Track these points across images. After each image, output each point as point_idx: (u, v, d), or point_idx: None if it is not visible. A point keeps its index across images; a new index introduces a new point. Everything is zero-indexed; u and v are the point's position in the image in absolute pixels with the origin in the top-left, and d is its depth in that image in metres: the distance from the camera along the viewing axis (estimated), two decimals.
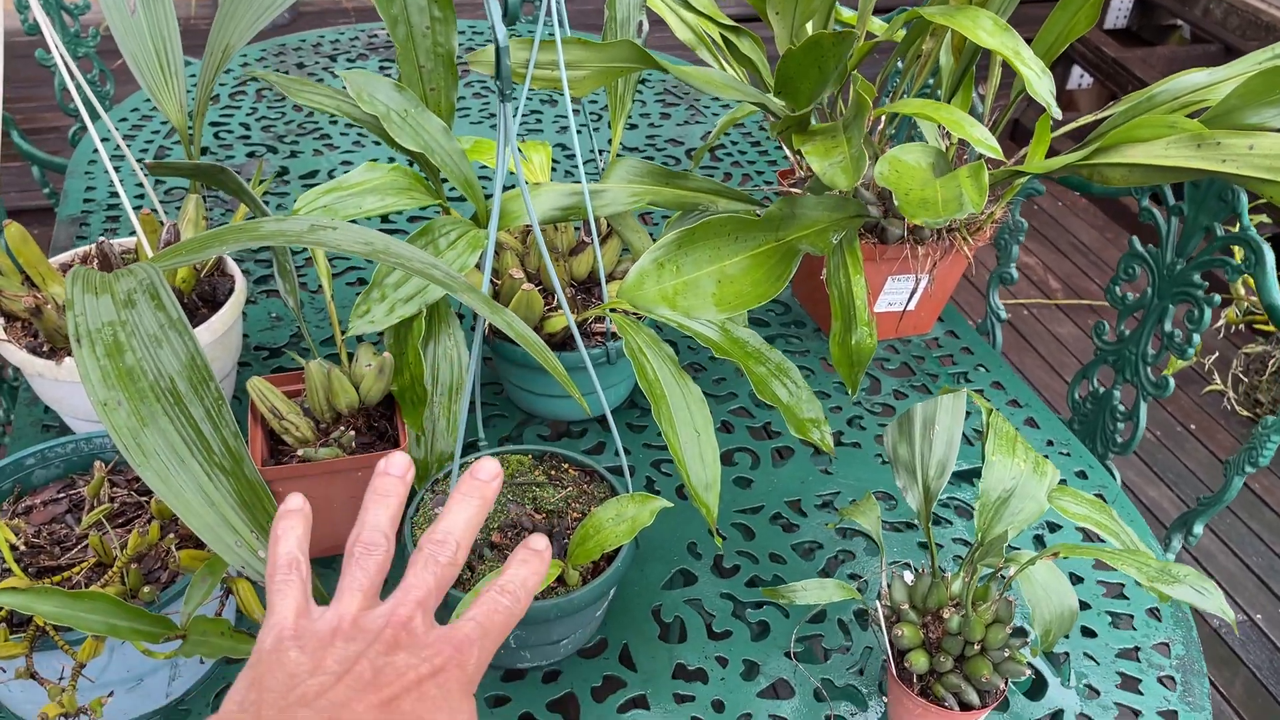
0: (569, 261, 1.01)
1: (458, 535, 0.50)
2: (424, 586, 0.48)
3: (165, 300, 0.58)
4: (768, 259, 0.77)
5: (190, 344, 0.55)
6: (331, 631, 0.46)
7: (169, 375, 0.55)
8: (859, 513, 0.80)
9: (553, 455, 0.85)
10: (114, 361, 0.56)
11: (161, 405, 0.54)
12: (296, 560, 0.48)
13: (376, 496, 0.50)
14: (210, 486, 0.52)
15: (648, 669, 0.80)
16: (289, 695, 0.42)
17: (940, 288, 1.13)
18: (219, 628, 0.56)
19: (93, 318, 0.58)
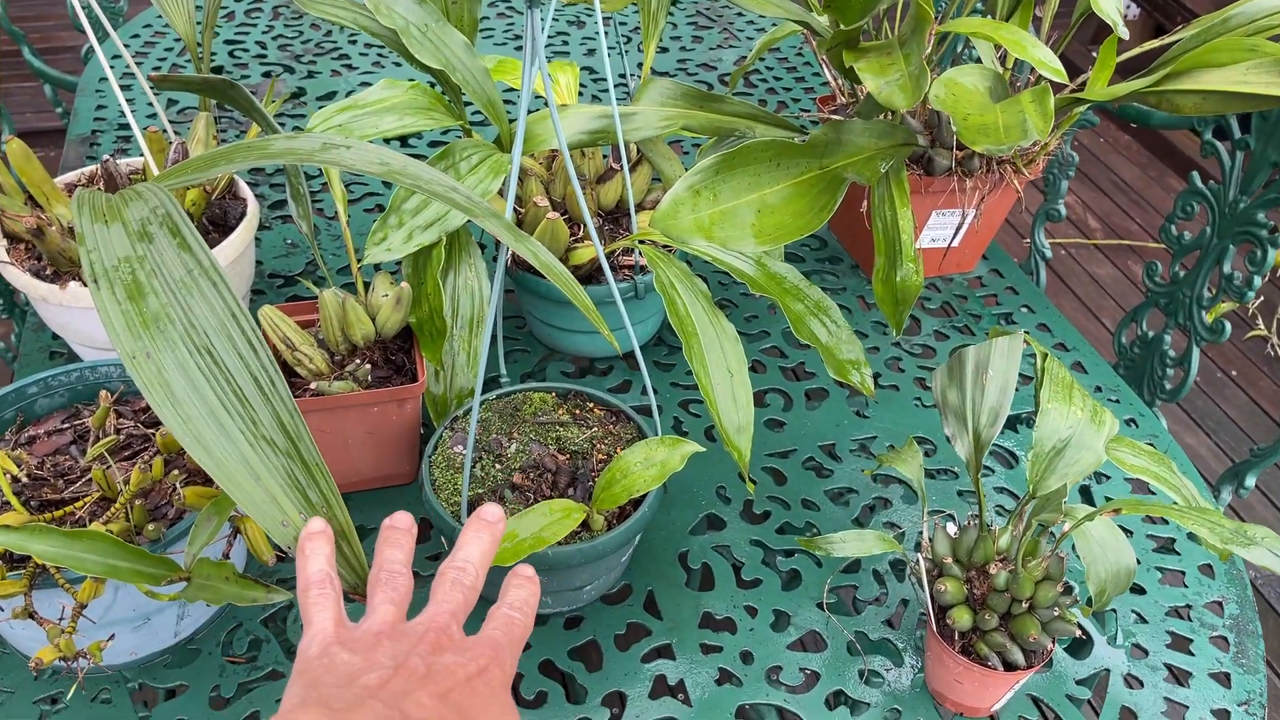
0: (597, 190, 0.95)
1: (476, 564, 0.52)
2: (454, 601, 0.50)
3: (189, 239, 0.52)
4: (811, 188, 0.72)
5: (229, 299, 0.51)
6: (376, 635, 0.47)
7: (203, 329, 0.50)
8: (899, 459, 0.76)
9: (577, 394, 0.81)
10: (136, 305, 0.51)
11: (197, 362, 0.50)
12: (329, 576, 0.49)
13: (388, 544, 0.52)
14: (256, 459, 0.49)
15: (673, 617, 0.77)
16: (352, 686, 0.43)
17: (986, 223, 1.08)
18: (224, 572, 0.52)
19: (106, 253, 0.53)
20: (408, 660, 0.45)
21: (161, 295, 0.51)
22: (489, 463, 0.75)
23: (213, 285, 0.52)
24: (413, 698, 0.43)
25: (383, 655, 0.45)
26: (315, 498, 0.54)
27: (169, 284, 0.51)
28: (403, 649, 0.45)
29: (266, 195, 1.18)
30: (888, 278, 0.80)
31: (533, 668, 0.73)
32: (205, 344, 0.50)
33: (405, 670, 0.44)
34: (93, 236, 0.54)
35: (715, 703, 0.71)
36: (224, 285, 0.52)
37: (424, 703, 0.43)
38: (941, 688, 0.71)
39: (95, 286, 0.51)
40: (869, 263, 1.12)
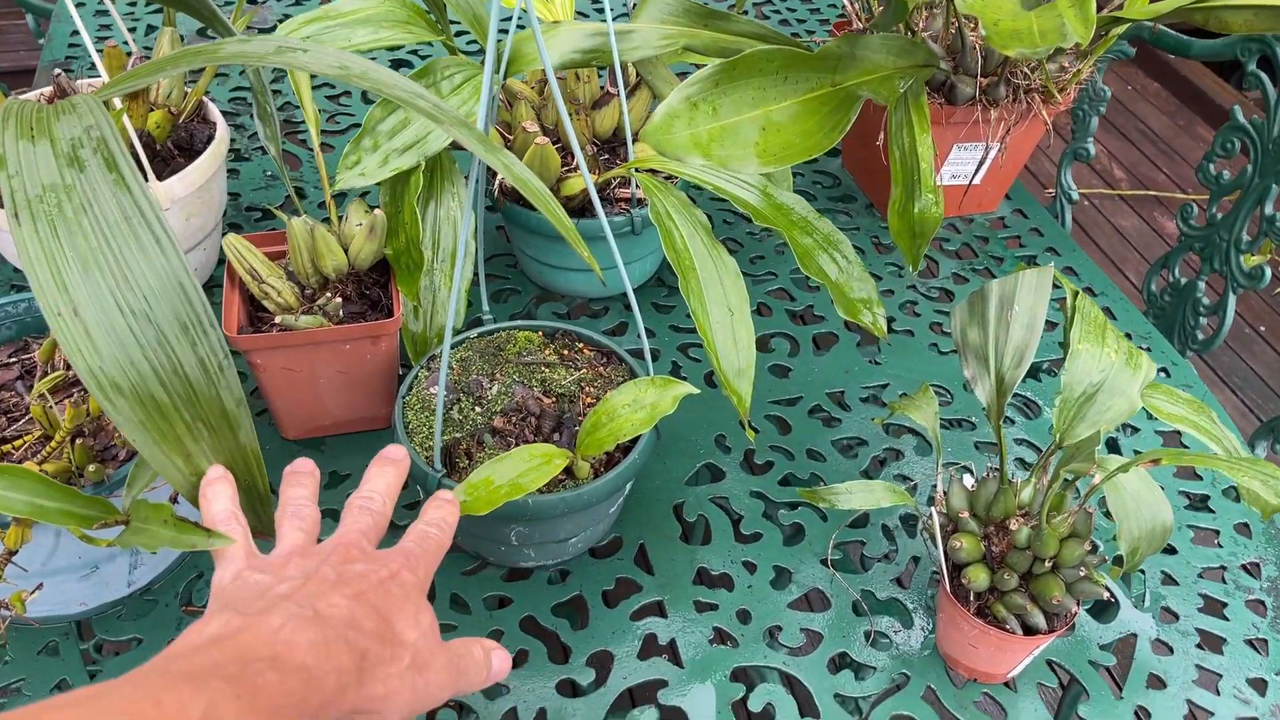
0: (591, 116, 0.89)
1: (382, 494, 0.53)
2: (362, 523, 0.51)
3: (126, 173, 0.46)
4: (821, 106, 0.65)
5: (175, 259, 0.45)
6: (286, 555, 0.48)
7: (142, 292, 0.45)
8: (912, 407, 0.70)
9: (566, 333, 0.75)
10: (60, 245, 0.45)
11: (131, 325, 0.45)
12: (234, 513, 0.49)
13: (292, 483, 0.52)
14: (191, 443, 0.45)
15: (666, 572, 0.72)
16: (265, 597, 0.44)
17: (1011, 160, 1.00)
18: (162, 514, 0.47)
19: (30, 179, 0.46)
20: (319, 570, 0.46)
21: (92, 238, 0.45)
22: (468, 405, 0.70)
23: (155, 242, 0.46)
24: (325, 599, 0.43)
25: (293, 569, 0.46)
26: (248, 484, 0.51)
27: (102, 225, 0.45)
28: (312, 563, 0.46)
29: (247, 126, 1.12)
30: (904, 210, 0.74)
31: (514, 624, 0.68)
32: (144, 310, 0.45)
33: (315, 579, 0.45)
34: (16, 158, 0.47)
35: (709, 664, 0.66)
36: (169, 244, 0.46)
37: (336, 602, 0.43)
38: (954, 651, 0.65)
39: (16, 222, 0.45)
40: (884, 202, 1.05)
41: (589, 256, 0.54)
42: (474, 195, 0.57)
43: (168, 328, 0.46)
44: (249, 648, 0.39)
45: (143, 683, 0.36)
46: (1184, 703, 0.66)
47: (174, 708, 0.34)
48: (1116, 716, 0.65)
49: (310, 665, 0.40)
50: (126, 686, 0.35)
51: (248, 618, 0.41)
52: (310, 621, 0.41)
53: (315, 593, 0.44)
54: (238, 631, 0.40)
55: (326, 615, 0.42)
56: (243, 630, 0.40)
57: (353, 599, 0.44)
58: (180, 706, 0.34)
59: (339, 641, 0.42)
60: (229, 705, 0.35)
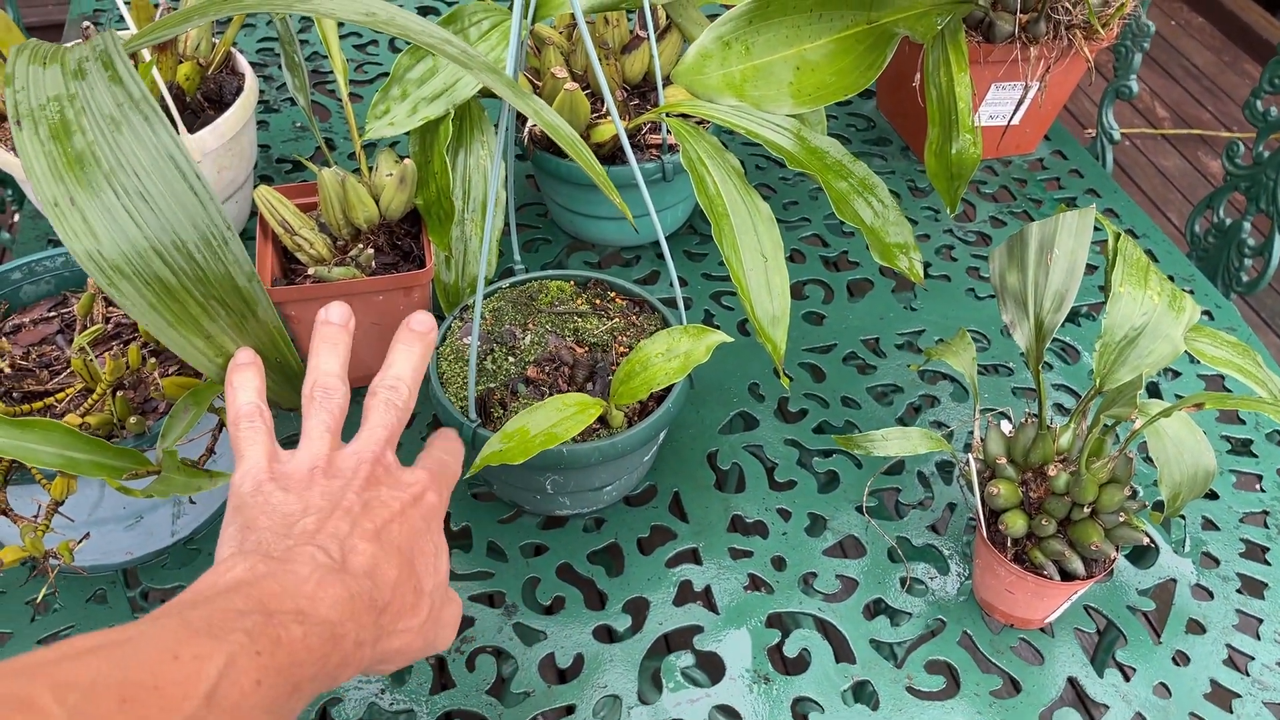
0: (620, 61, 0.87)
1: (407, 380, 0.51)
2: (388, 426, 0.49)
3: (122, 71, 0.47)
4: (857, 44, 0.63)
5: (165, 135, 0.45)
6: (309, 470, 0.46)
7: (131, 168, 0.45)
8: (949, 352, 0.69)
9: (598, 282, 0.75)
10: (60, 145, 0.46)
11: (131, 209, 0.45)
12: (258, 408, 0.48)
13: (325, 344, 0.51)
14: (205, 318, 0.45)
15: (701, 520, 0.72)
16: (290, 532, 0.43)
17: (1050, 99, 0.98)
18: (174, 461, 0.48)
19: (35, 93, 0.48)
20: (343, 498, 0.45)
21: (89, 132, 0.47)
22: (501, 355, 0.70)
23: (144, 120, 0.47)
24: (350, 541, 0.43)
25: (317, 495, 0.45)
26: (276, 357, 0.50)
27: (97, 120, 0.46)
28: (337, 486, 0.45)
29: (275, 76, 1.11)
30: (941, 151, 0.72)
31: (550, 571, 0.68)
32: (139, 189, 0.45)
33: (341, 510, 0.44)
34: (24, 76, 0.49)
35: (744, 610, 0.66)
36: (158, 118, 0.47)
37: (360, 547, 0.43)
38: (991, 598, 0.65)
39: (18, 129, 0.46)
40: (920, 145, 1.03)
41: (621, 203, 0.53)
42: (504, 143, 0.57)
43: (164, 204, 0.46)
44: (274, 598, 0.38)
45: (160, 633, 0.35)
46: (1223, 647, 0.65)
47: (192, 662, 0.33)
48: (1155, 661, 0.64)
49: (334, 621, 0.39)
50: (145, 638, 0.34)
51: (273, 563, 0.40)
52: (336, 574, 0.41)
53: (340, 532, 0.43)
54: (263, 578, 0.39)
55: (351, 566, 0.42)
56: (268, 577, 0.40)
57: (376, 539, 0.44)
58: (198, 661, 0.34)
59: (362, 597, 0.41)
60: (248, 661, 0.35)
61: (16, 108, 0.47)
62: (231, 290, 0.48)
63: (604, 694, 0.62)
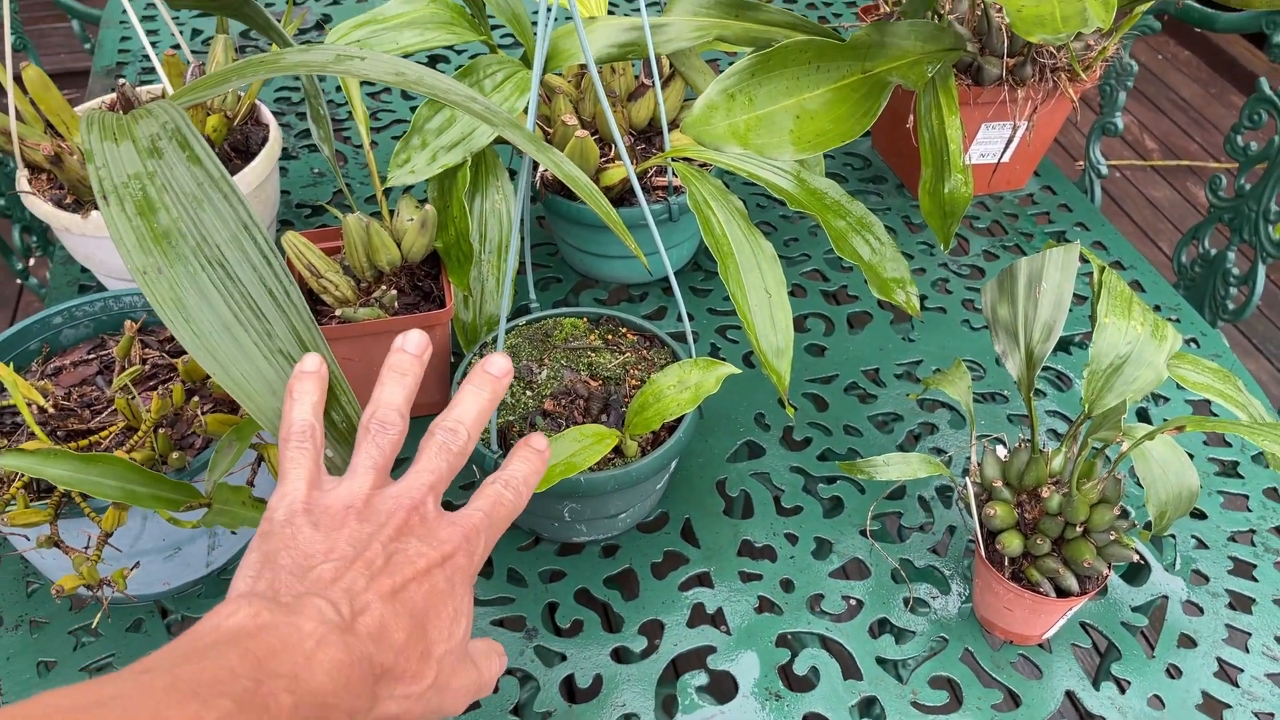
0: (627, 107, 0.92)
1: (469, 425, 0.50)
2: (437, 471, 0.48)
3: (199, 151, 0.51)
4: (853, 92, 0.67)
5: (240, 209, 0.49)
6: (345, 509, 0.45)
7: (215, 243, 0.48)
8: (946, 381, 0.73)
9: (610, 319, 0.78)
10: (147, 222, 0.49)
11: (209, 276, 0.48)
12: (311, 427, 0.47)
13: (393, 373, 0.50)
14: (273, 374, 0.48)
15: (711, 545, 0.75)
16: (305, 578, 0.42)
17: (1039, 137, 1.02)
18: (241, 496, 0.51)
19: (116, 170, 0.51)
20: (368, 548, 0.44)
21: (172, 210, 0.50)
22: (520, 389, 0.73)
23: (223, 197, 0.50)
24: (363, 598, 0.42)
25: (345, 539, 0.44)
26: (337, 415, 0.53)
27: (180, 198, 0.49)
28: (366, 533, 0.44)
29: (293, 124, 1.16)
30: (934, 190, 0.76)
31: (568, 596, 0.71)
32: (217, 257, 0.48)
33: (362, 562, 0.43)
34: (102, 154, 0.52)
35: (755, 631, 0.69)
36: (235, 196, 0.50)
37: (372, 605, 0.42)
38: (990, 615, 0.68)
39: (105, 203, 0.49)
40: (914, 182, 1.07)
41: (635, 245, 0.57)
42: (524, 193, 0.60)
43: (240, 270, 0.49)
44: (272, 655, 0.37)
45: (144, 695, 0.33)
46: (1214, 660, 0.68)
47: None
48: (1149, 674, 0.67)
49: (327, 691, 0.38)
50: (127, 698, 0.33)
51: (279, 611, 0.39)
52: (340, 634, 0.40)
53: (356, 586, 0.42)
54: (265, 629, 0.38)
55: (359, 626, 0.41)
56: (269, 629, 0.38)
57: (391, 599, 0.42)
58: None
59: (361, 664, 0.40)
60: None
61: (101, 183, 0.50)
62: (295, 342, 0.50)
63: (622, 713, 0.65)
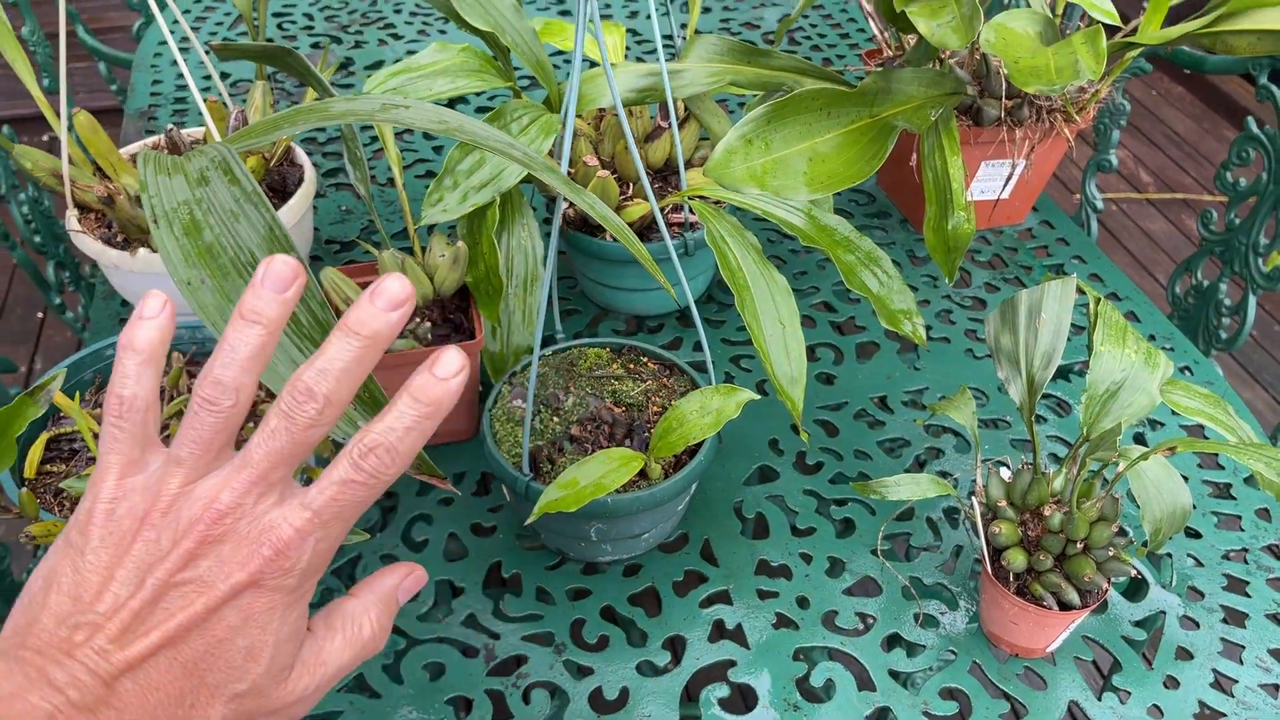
0: (645, 148, 0.96)
1: (328, 387, 0.37)
2: (268, 458, 0.37)
3: (239, 174, 0.55)
4: (862, 136, 0.72)
5: (267, 215, 0.53)
6: (141, 518, 0.37)
7: (248, 249, 0.53)
8: (952, 407, 0.77)
9: (631, 348, 0.82)
10: (193, 240, 0.54)
11: (245, 281, 0.52)
12: (141, 399, 0.38)
13: (240, 321, 0.38)
14: (301, 358, 0.51)
15: (730, 564, 0.79)
16: (66, 622, 0.36)
17: (1036, 174, 1.07)
18: None
19: (167, 198, 0.56)
20: (150, 573, 0.36)
21: (215, 228, 0.55)
22: (547, 416, 0.77)
23: (255, 207, 0.55)
24: (119, 657, 0.35)
25: (131, 563, 0.36)
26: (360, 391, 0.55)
27: (220, 216, 0.54)
28: (155, 554, 0.36)
29: (320, 164, 1.21)
30: (939, 226, 0.81)
31: (594, 613, 0.75)
32: (250, 261, 0.53)
33: (138, 599, 0.35)
34: (155, 185, 0.57)
35: (773, 646, 0.73)
36: (264, 205, 0.54)
37: (135, 664, 0.35)
38: (997, 629, 0.72)
39: (155, 226, 0.54)
40: (917, 217, 1.12)
41: (665, 282, 0.61)
42: (555, 232, 0.65)
43: None
44: None
45: None
46: (1210, 671, 0.72)
47: None
48: (1148, 686, 0.71)
49: None
50: None
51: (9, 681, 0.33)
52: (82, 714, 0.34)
53: (113, 644, 0.35)
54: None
55: (115, 696, 0.35)
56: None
57: (159, 650, 0.35)
58: None
59: None
60: None
61: (152, 209, 0.55)
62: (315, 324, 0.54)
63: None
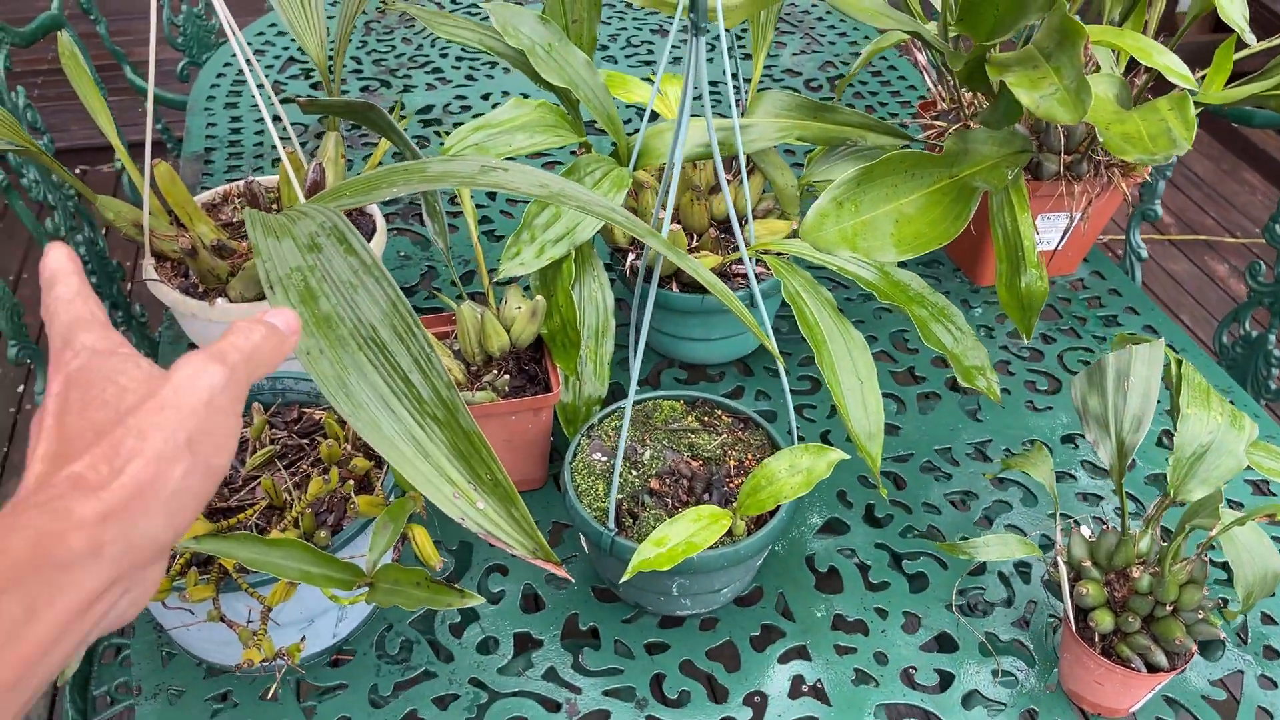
0: (709, 200, 0.97)
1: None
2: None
3: (355, 244, 0.56)
4: (943, 196, 0.73)
5: (390, 290, 0.54)
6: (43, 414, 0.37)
7: (369, 323, 0.53)
8: (1029, 464, 0.77)
9: (705, 401, 0.83)
10: (309, 308, 0.54)
11: (365, 354, 0.53)
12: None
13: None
14: (423, 436, 0.51)
15: (806, 619, 0.79)
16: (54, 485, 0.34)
17: (1091, 226, 1.08)
18: (415, 577, 0.55)
19: (280, 264, 0.57)
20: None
21: (331, 297, 0.55)
22: (626, 469, 0.78)
23: (375, 280, 0.55)
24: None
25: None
26: (481, 469, 0.55)
27: (337, 286, 0.55)
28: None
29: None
30: (1010, 283, 0.81)
31: (674, 667, 0.75)
32: (371, 335, 0.53)
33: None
34: (266, 249, 0.57)
35: (854, 702, 0.73)
36: (385, 279, 0.55)
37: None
38: (1080, 689, 0.72)
39: (271, 292, 0.54)
40: (968, 265, 1.13)
41: (766, 339, 0.62)
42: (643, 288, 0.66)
43: (392, 346, 0.53)
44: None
45: None
46: None
47: None
48: None
49: None
50: None
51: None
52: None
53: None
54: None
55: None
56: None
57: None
58: None
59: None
60: None
61: (268, 274, 0.56)
62: (439, 403, 0.54)
63: None
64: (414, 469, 0.51)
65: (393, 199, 1.23)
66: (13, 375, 2.23)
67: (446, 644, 0.77)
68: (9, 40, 1.22)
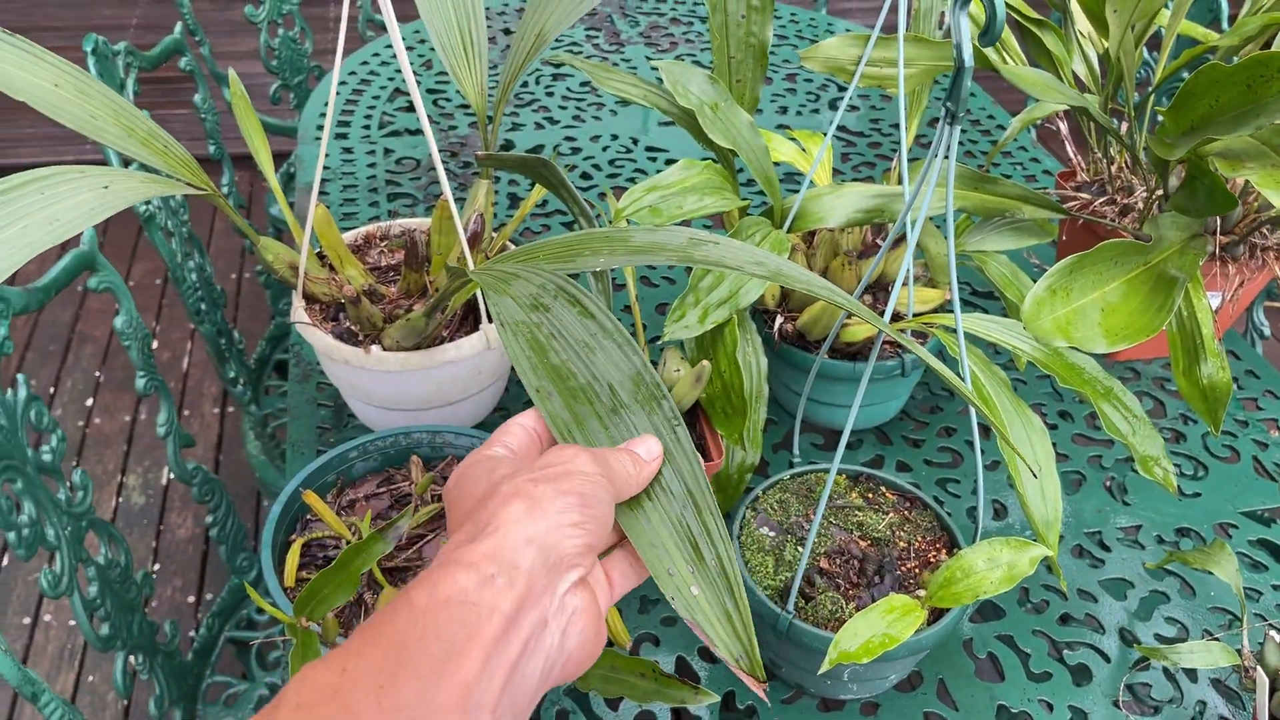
0: (858, 264, 0.96)
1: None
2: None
3: (593, 309, 0.54)
4: (1141, 285, 0.71)
5: (636, 360, 0.51)
6: None
7: (607, 384, 0.52)
8: (1211, 561, 0.75)
9: (868, 477, 0.81)
10: (538, 356, 0.52)
11: (595, 408, 0.51)
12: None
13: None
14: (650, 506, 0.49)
15: (968, 708, 0.76)
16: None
17: (1237, 307, 1.06)
18: (638, 668, 0.53)
19: (506, 313, 0.55)
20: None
21: (562, 353, 0.53)
22: (792, 546, 0.75)
23: (617, 346, 0.53)
24: None
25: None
26: (707, 550, 0.52)
27: (570, 344, 0.53)
28: None
29: None
30: (1189, 372, 0.79)
31: None
32: (608, 395, 0.51)
33: None
34: (495, 301, 0.56)
35: None
36: (630, 346, 0.53)
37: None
38: None
39: (503, 329, 0.53)
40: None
41: (998, 421, 0.60)
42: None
43: (634, 411, 0.51)
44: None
45: None
46: None
47: None
48: None
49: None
50: None
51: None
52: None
53: None
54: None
55: None
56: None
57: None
58: None
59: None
60: None
61: (499, 316, 0.54)
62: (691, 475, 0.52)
63: None
64: (636, 532, 0.48)
65: None
66: (80, 388, 2.23)
67: (601, 714, 0.75)
68: (137, 64, 1.22)
